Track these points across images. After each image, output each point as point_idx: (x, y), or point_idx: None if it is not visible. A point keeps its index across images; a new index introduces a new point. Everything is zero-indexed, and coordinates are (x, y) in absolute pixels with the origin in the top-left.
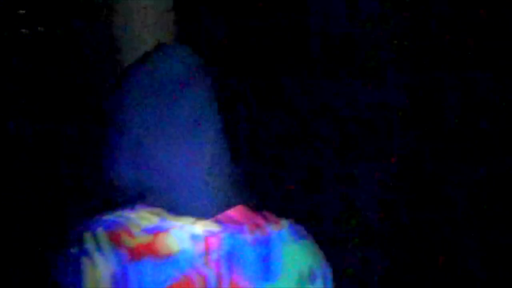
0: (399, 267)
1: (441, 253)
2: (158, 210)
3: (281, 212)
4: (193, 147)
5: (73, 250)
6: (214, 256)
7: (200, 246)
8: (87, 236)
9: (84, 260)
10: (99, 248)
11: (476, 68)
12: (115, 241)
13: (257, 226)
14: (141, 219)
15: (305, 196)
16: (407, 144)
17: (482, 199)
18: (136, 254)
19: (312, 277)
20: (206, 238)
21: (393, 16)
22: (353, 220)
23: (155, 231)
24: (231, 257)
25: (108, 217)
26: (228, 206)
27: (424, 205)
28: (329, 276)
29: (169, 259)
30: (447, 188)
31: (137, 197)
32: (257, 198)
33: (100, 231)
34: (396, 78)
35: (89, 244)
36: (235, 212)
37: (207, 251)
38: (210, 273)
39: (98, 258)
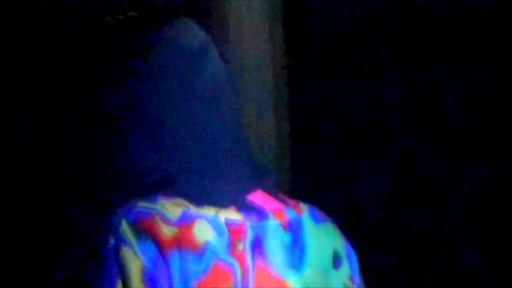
0: (399, 267)
1: (441, 253)
2: (179, 200)
3: None
4: (212, 128)
5: (109, 242)
6: (239, 246)
7: (225, 237)
8: (120, 228)
9: (118, 252)
10: (129, 241)
11: (476, 67)
12: (145, 234)
13: (278, 211)
14: (165, 210)
15: (305, 197)
16: (407, 144)
17: (483, 199)
18: (164, 248)
19: (338, 261)
20: (230, 229)
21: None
22: (352, 221)
23: (179, 223)
24: (256, 247)
25: (136, 207)
26: (248, 191)
27: (424, 206)
28: (354, 257)
29: (196, 252)
30: (448, 188)
31: (158, 184)
32: (274, 181)
33: (130, 223)
34: (397, 77)
35: (122, 237)
36: (256, 197)
37: (232, 242)
38: (236, 264)
39: (129, 252)
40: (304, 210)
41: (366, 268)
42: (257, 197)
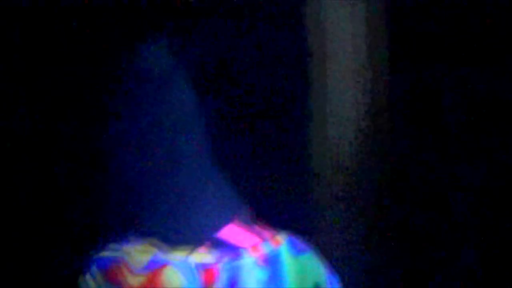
0: (400, 268)
1: (441, 253)
2: (147, 244)
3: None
4: (181, 158)
5: None
6: None
7: (197, 283)
8: (83, 282)
9: None
10: None
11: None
12: (111, 284)
13: (254, 247)
14: (131, 258)
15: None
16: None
17: (483, 199)
18: None
19: None
20: (201, 273)
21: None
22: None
23: (147, 271)
24: None
25: (100, 258)
26: (222, 225)
27: (425, 206)
28: (337, 286)
29: None
30: (448, 188)
31: (122, 227)
32: (249, 210)
33: (94, 277)
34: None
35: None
36: (229, 232)
37: (204, 287)
38: None
39: None
40: (282, 242)
41: (366, 268)
42: (231, 232)
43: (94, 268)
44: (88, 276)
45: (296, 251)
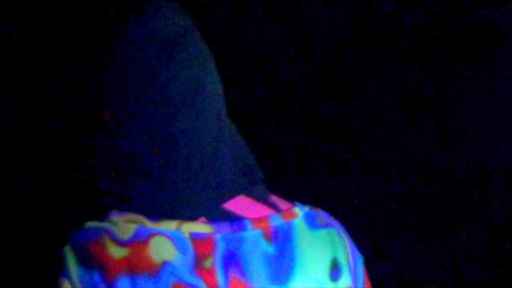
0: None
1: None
2: (134, 215)
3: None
4: (180, 128)
5: (55, 268)
6: (206, 263)
7: (189, 255)
8: (64, 253)
9: (57, 285)
10: (69, 272)
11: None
12: (89, 261)
13: (260, 219)
14: (116, 228)
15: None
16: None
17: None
18: (112, 274)
19: (336, 271)
20: (195, 244)
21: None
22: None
23: (132, 242)
24: (229, 262)
25: (83, 229)
26: (226, 197)
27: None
28: (360, 264)
29: (152, 275)
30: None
31: (110, 202)
32: (266, 182)
33: (75, 249)
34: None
35: (62, 266)
36: (235, 204)
37: (197, 259)
38: (202, 284)
39: (67, 285)
40: (298, 215)
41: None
42: (237, 204)
43: (74, 244)
44: (65, 253)
45: (315, 225)
